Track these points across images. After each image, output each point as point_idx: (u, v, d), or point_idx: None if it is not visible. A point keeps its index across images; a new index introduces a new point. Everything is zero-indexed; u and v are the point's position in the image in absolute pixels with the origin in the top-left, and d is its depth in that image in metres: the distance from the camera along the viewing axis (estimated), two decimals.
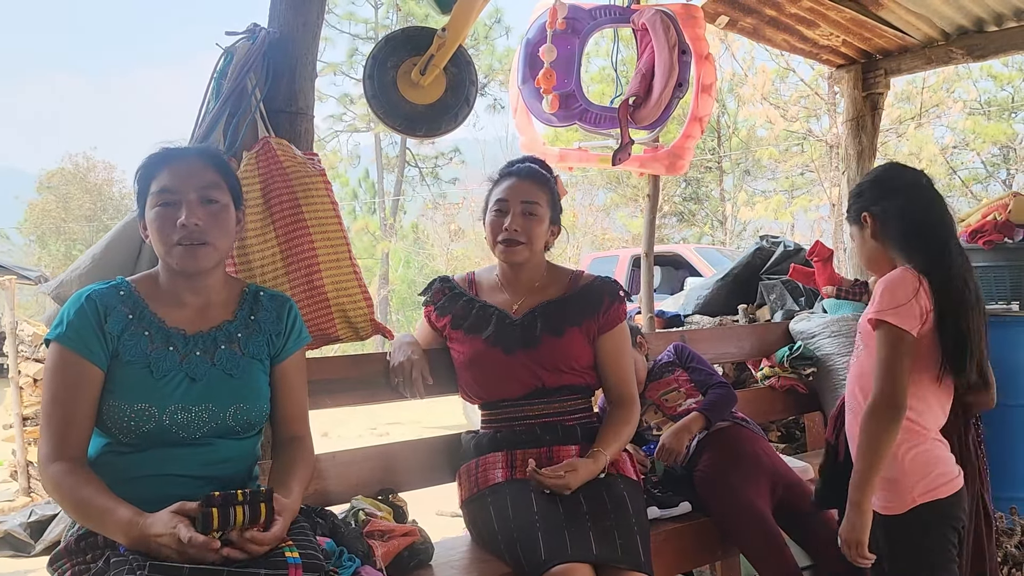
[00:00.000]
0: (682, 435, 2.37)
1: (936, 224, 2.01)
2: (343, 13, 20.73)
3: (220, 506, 1.37)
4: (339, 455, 2.20)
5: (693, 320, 4.21)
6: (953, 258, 1.97)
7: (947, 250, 1.97)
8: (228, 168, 1.71)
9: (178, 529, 1.35)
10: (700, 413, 2.42)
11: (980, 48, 4.12)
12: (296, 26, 2.18)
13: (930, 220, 2.01)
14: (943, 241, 1.98)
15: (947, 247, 1.98)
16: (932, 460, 1.97)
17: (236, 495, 1.39)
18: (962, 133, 16.31)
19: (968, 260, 2.02)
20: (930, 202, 2.03)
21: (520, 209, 2.14)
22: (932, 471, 1.96)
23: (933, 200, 2.04)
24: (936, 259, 1.96)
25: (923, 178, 2.09)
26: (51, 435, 1.51)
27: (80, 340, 1.54)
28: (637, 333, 2.61)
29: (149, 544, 1.37)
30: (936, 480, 1.95)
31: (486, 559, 2.01)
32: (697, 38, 3.49)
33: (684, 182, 18.99)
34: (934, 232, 1.99)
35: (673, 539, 2.22)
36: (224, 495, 1.39)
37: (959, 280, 1.95)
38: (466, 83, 2.59)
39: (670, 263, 9.35)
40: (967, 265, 2.00)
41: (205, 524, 1.36)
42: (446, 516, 4.82)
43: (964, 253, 2.01)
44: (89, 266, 2.04)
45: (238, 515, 1.39)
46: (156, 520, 1.38)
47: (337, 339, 2.11)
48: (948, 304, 1.93)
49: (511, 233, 2.13)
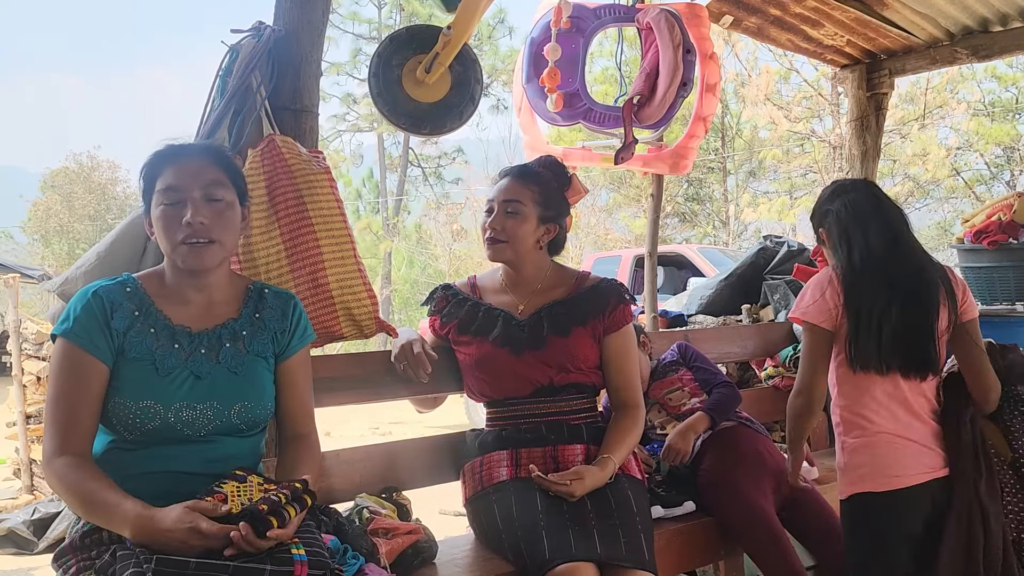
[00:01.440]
0: (688, 435, 2.37)
1: (858, 224, 2.14)
2: (347, 13, 20.79)
3: (273, 514, 1.40)
4: (343, 453, 2.20)
5: (696, 320, 4.20)
6: (869, 255, 2.09)
7: (861, 248, 2.11)
8: (233, 165, 1.71)
9: (197, 524, 1.35)
10: (705, 413, 2.41)
11: (985, 48, 4.11)
12: (301, 23, 2.18)
13: (854, 221, 2.15)
14: (862, 241, 2.12)
15: (864, 246, 2.11)
16: (875, 454, 2.09)
17: (280, 499, 1.42)
18: (966, 134, 16.28)
19: (915, 256, 2.11)
20: (857, 205, 2.17)
21: (502, 208, 2.16)
22: (872, 465, 2.08)
23: (859, 203, 2.17)
24: (848, 257, 2.12)
25: (853, 187, 2.24)
26: (56, 430, 1.51)
27: (86, 336, 1.54)
28: (640, 332, 2.61)
29: (157, 538, 1.37)
30: (875, 474, 2.08)
31: (490, 557, 2.00)
32: (701, 37, 3.49)
33: (687, 182, 18.99)
34: (853, 232, 2.14)
35: (677, 538, 2.22)
36: (268, 501, 1.41)
37: (873, 276, 2.08)
38: (471, 81, 2.59)
39: (673, 263, 9.35)
40: (904, 261, 2.09)
41: (262, 533, 1.37)
42: (449, 515, 4.82)
43: (907, 250, 2.11)
44: (94, 263, 2.04)
45: (291, 513, 1.43)
46: (167, 514, 1.38)
47: (341, 337, 2.10)
48: (853, 298, 2.08)
49: (492, 232, 2.16)
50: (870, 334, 2.06)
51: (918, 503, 2.06)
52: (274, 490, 1.46)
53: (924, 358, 2.09)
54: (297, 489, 1.47)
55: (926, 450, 2.09)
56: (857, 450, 2.12)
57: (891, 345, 2.05)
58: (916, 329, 2.07)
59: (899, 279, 2.08)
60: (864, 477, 2.09)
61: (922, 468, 2.08)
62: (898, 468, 2.07)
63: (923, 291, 2.08)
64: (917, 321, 2.07)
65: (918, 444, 2.09)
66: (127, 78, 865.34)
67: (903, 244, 2.13)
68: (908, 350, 2.07)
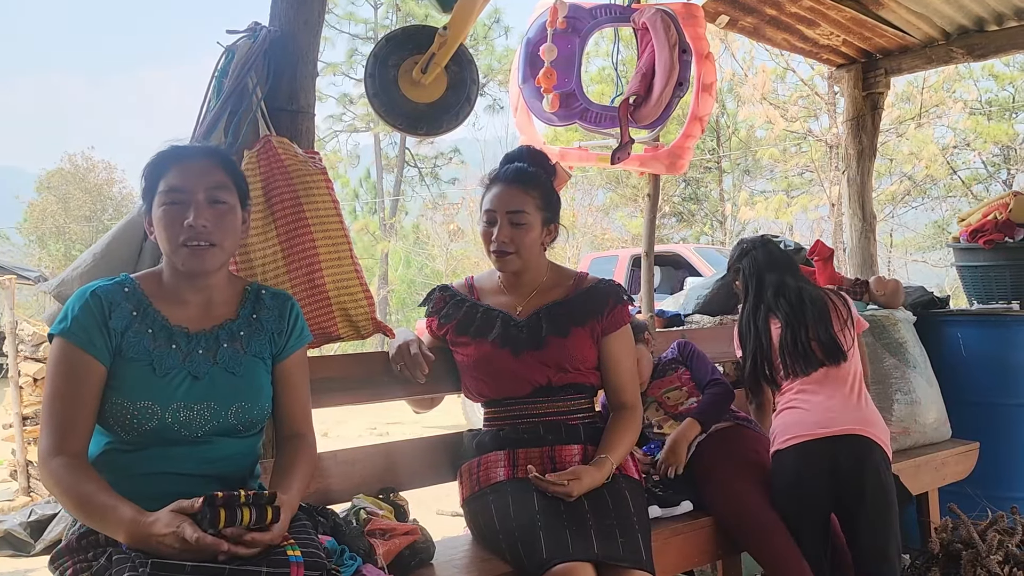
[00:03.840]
0: (680, 447, 2.39)
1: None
2: (343, 13, 20.75)
3: (225, 505, 1.37)
4: (340, 454, 2.20)
5: (693, 319, 4.19)
6: (745, 310, 2.70)
7: (744, 305, 2.72)
8: (236, 169, 1.71)
9: (182, 529, 1.35)
10: (694, 419, 2.42)
11: (981, 47, 4.12)
12: (297, 24, 2.18)
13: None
14: (743, 303, 2.73)
15: (744, 303, 2.72)
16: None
17: (239, 496, 1.39)
18: (963, 133, 16.28)
19: (769, 301, 2.63)
20: (743, 272, 2.74)
21: (507, 219, 2.11)
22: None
23: (743, 272, 2.74)
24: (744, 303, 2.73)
25: (734, 258, 2.80)
26: (52, 430, 1.50)
27: (84, 335, 1.53)
28: (644, 329, 2.61)
29: (150, 543, 1.37)
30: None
31: (487, 558, 2.00)
32: (697, 37, 3.49)
33: (684, 182, 18.99)
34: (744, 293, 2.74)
35: (674, 538, 2.22)
36: (227, 495, 1.38)
37: (748, 320, 2.67)
38: (467, 81, 2.59)
39: (670, 263, 9.35)
40: (771, 301, 2.61)
41: (212, 522, 1.36)
42: (447, 515, 4.82)
43: (772, 296, 2.62)
44: (90, 264, 2.04)
45: (245, 516, 1.39)
46: (158, 519, 1.38)
47: (338, 337, 2.10)
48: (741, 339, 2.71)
49: (500, 244, 2.11)
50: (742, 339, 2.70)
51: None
52: (241, 493, 1.42)
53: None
54: (262, 497, 1.42)
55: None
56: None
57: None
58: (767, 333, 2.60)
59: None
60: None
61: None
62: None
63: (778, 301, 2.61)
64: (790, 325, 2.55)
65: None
66: (127, 79, 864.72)
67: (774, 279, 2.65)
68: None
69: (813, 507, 2.31)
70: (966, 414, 3.36)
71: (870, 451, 2.34)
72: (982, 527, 2.80)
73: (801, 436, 2.37)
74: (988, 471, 3.27)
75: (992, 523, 2.82)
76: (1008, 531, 2.78)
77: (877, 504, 2.29)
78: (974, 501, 3.08)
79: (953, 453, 3.16)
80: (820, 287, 2.73)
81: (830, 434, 2.35)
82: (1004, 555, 2.63)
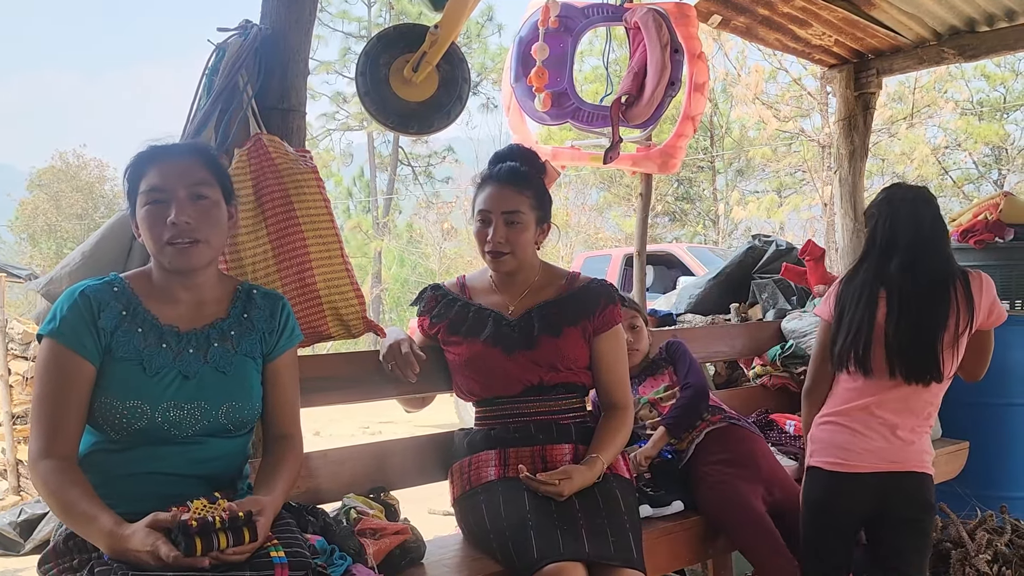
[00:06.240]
0: (648, 457, 2.38)
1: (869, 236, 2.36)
2: (336, 11, 20.70)
3: (200, 533, 1.34)
4: (331, 453, 2.20)
5: (685, 319, 4.21)
6: (862, 268, 2.32)
7: (861, 261, 2.34)
8: (218, 164, 1.69)
9: (156, 548, 1.33)
10: (664, 428, 2.43)
11: (972, 48, 4.13)
12: (288, 22, 2.17)
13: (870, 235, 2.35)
14: (861, 257, 2.36)
15: (863, 260, 2.33)
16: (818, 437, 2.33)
17: (214, 522, 1.36)
18: (954, 133, 16.35)
19: (890, 274, 2.24)
20: (876, 223, 2.34)
21: (502, 220, 2.10)
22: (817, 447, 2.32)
23: (876, 222, 2.33)
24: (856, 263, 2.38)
25: (876, 202, 2.37)
26: (41, 431, 1.50)
27: (73, 335, 1.52)
28: (637, 309, 2.61)
29: (128, 556, 1.36)
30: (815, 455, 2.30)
31: (478, 557, 2.00)
32: (690, 37, 3.50)
33: (676, 181, 19.01)
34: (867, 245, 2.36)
35: (665, 537, 2.23)
36: (200, 522, 1.35)
37: (861, 284, 2.28)
38: (459, 80, 2.58)
39: (663, 262, 9.37)
40: (892, 276, 2.24)
41: (188, 551, 1.33)
42: (438, 514, 4.82)
43: (896, 268, 2.24)
44: (79, 263, 2.03)
45: (221, 541, 1.36)
46: (134, 534, 1.36)
47: (329, 337, 2.10)
48: (840, 301, 2.33)
49: (495, 245, 2.11)
50: (838, 332, 2.31)
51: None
52: (218, 511, 1.40)
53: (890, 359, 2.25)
54: (238, 519, 1.39)
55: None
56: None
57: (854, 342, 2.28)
58: (879, 327, 2.23)
59: (876, 288, 2.25)
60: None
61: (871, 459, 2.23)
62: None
63: (900, 301, 2.22)
64: (896, 326, 2.21)
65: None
66: (121, 76, 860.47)
67: (888, 260, 2.27)
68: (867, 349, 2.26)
69: (846, 529, 2.24)
70: (956, 413, 3.37)
71: (923, 488, 2.21)
72: (971, 526, 2.81)
73: (852, 466, 2.20)
74: (978, 470, 3.28)
75: (981, 522, 2.84)
76: (997, 530, 2.79)
77: (915, 535, 2.20)
78: (964, 500, 3.09)
79: (943, 452, 3.17)
80: (967, 271, 2.26)
81: (886, 470, 2.19)
82: (993, 554, 2.65)
